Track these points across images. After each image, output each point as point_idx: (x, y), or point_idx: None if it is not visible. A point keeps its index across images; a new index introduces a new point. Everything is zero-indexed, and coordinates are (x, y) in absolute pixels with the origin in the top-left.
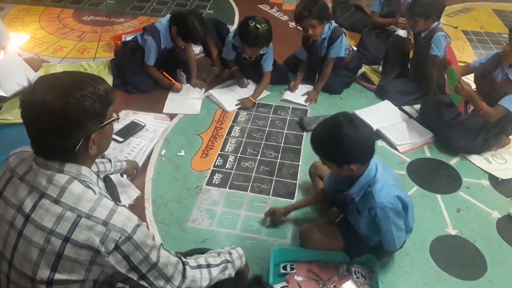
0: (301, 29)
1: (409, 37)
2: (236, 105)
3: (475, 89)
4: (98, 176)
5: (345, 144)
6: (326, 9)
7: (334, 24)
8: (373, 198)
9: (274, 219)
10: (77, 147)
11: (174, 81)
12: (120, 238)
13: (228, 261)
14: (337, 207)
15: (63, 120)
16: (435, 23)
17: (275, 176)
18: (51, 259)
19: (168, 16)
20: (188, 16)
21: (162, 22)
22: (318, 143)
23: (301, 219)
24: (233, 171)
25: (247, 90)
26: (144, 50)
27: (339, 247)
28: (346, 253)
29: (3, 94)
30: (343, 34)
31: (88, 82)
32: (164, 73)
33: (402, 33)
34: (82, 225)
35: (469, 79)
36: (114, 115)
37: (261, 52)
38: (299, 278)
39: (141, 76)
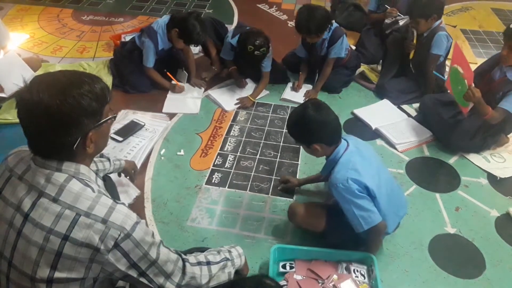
0: None
1: (412, 38)
2: (236, 104)
3: None
4: (97, 174)
5: (306, 124)
6: (325, 20)
7: (334, 24)
8: (330, 179)
9: (286, 187)
10: (75, 146)
11: (176, 81)
12: (119, 235)
13: (228, 259)
14: None
15: (60, 119)
16: (437, 22)
17: (274, 175)
18: (51, 258)
19: (165, 17)
20: (189, 19)
21: (159, 23)
22: (288, 124)
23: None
24: (232, 170)
25: (246, 90)
26: (142, 50)
27: (320, 227)
28: (324, 233)
29: (2, 94)
30: (344, 35)
31: (85, 81)
32: (168, 73)
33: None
34: (81, 223)
35: None
36: (111, 113)
37: None
38: (299, 277)
39: (139, 76)
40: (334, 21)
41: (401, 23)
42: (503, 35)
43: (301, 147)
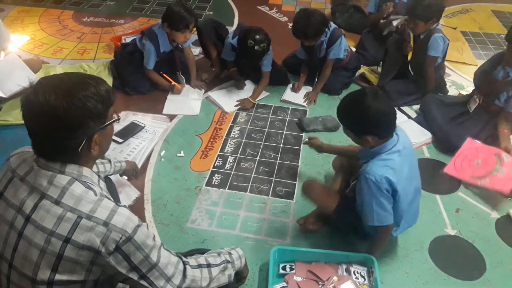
0: None
1: (409, 39)
2: (236, 106)
3: (473, 89)
4: (99, 176)
5: (364, 114)
6: (322, 24)
7: (333, 25)
8: (366, 167)
9: (310, 142)
10: (80, 148)
11: (174, 82)
12: (120, 238)
13: (228, 261)
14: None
15: (66, 121)
16: (435, 25)
17: (274, 176)
18: (52, 260)
19: None
20: (170, 7)
21: (160, 25)
22: (342, 110)
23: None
24: (232, 172)
25: (247, 91)
26: (143, 52)
27: (331, 208)
28: (332, 216)
29: (2, 95)
30: (343, 36)
31: (90, 83)
32: (164, 74)
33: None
34: (83, 226)
35: (469, 79)
36: (115, 115)
37: None
38: (299, 279)
39: (139, 77)
40: (334, 22)
41: (394, 23)
42: (506, 39)
43: (301, 148)
